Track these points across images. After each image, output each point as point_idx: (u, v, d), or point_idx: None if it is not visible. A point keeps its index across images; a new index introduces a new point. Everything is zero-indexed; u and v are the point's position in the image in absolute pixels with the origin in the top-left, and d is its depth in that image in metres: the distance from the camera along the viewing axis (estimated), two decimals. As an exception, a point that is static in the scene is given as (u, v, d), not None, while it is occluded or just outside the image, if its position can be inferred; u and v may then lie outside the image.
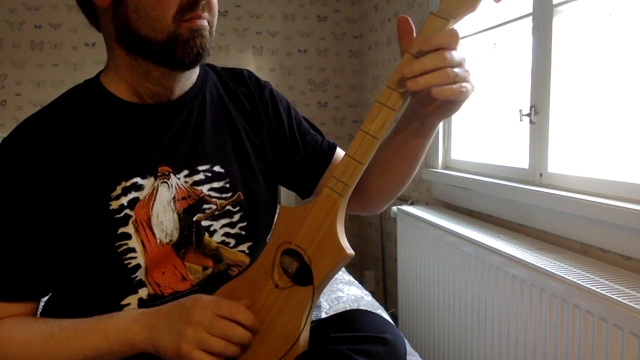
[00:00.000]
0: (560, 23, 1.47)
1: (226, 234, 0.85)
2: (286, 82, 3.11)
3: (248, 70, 0.98)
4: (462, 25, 0.71)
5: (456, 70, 0.66)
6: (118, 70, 0.81)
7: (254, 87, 0.95)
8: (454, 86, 0.66)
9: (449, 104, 0.72)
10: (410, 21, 0.71)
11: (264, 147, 0.92)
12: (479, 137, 2.02)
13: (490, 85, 1.94)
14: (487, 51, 1.95)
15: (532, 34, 1.54)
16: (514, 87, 1.75)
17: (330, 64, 3.17)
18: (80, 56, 2.83)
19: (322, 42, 3.15)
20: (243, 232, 0.87)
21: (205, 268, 0.84)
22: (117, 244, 0.77)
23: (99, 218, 0.77)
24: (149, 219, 0.80)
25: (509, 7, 1.69)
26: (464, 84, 0.67)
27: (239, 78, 0.96)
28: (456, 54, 0.66)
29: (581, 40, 1.46)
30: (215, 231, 0.84)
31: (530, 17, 1.55)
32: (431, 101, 0.72)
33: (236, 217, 0.86)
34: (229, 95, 0.93)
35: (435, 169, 2.13)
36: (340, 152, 0.97)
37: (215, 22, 0.80)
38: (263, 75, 3.04)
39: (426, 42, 0.66)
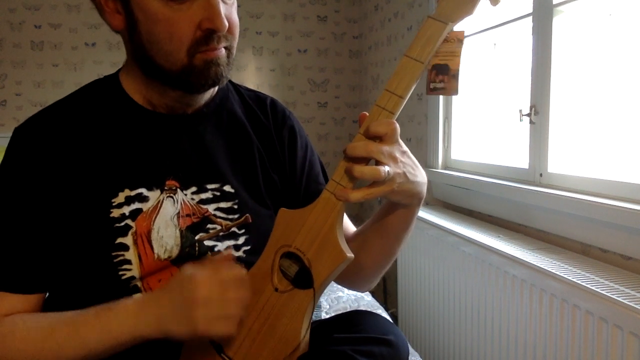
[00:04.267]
0: (560, 23, 1.47)
1: None
2: (286, 82, 3.11)
3: (272, 99, 0.95)
4: (462, 25, 0.72)
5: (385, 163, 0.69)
6: (135, 80, 0.81)
7: (275, 119, 0.92)
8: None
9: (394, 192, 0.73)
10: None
11: (274, 178, 0.90)
12: (479, 137, 2.02)
13: (490, 85, 1.94)
14: (487, 51, 1.95)
15: (532, 34, 1.54)
16: (514, 87, 1.75)
17: (330, 64, 3.16)
18: (80, 56, 2.83)
19: (322, 42, 3.15)
20: (245, 256, 0.85)
21: None
22: (113, 253, 0.76)
23: (98, 224, 0.76)
24: (149, 232, 0.78)
25: (509, 7, 1.69)
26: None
27: (261, 105, 0.93)
28: (385, 149, 0.69)
29: (581, 40, 1.46)
30: (219, 252, 0.82)
31: (530, 17, 1.55)
32: None
33: (241, 240, 0.84)
34: (249, 118, 0.91)
35: (435, 169, 2.13)
36: None
37: (235, 43, 0.78)
38: (263, 75, 3.05)
39: (367, 129, 0.70)
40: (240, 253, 0.84)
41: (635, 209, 1.15)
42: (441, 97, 2.09)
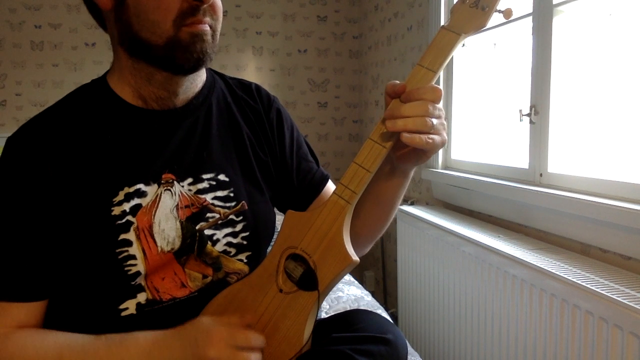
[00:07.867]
0: (560, 23, 1.47)
1: (228, 244, 0.85)
2: (286, 82, 3.11)
3: (256, 84, 0.97)
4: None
5: (434, 121, 0.71)
6: (122, 72, 0.81)
7: (262, 102, 0.94)
8: (423, 136, 0.70)
9: (418, 152, 0.75)
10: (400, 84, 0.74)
11: (267, 160, 0.92)
12: (479, 137, 2.02)
13: (490, 85, 1.94)
14: (487, 51, 1.95)
15: (532, 34, 1.54)
16: (514, 87, 1.75)
17: (330, 64, 3.17)
18: (80, 56, 2.83)
19: (322, 42, 3.15)
20: (245, 242, 0.86)
21: (205, 276, 0.83)
22: (117, 250, 0.77)
23: (100, 223, 0.77)
24: (150, 227, 0.79)
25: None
26: (431, 136, 0.71)
27: (247, 90, 0.95)
28: (436, 108, 0.71)
29: (581, 40, 1.46)
30: (218, 240, 0.84)
31: (530, 17, 1.55)
32: (402, 146, 0.75)
33: (239, 227, 0.86)
34: (237, 104, 0.92)
35: (435, 169, 2.13)
36: (330, 186, 0.97)
37: (219, 26, 0.79)
38: (263, 75, 3.05)
39: (413, 92, 0.71)
40: (238, 240, 0.86)
41: (635, 209, 1.15)
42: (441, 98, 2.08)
